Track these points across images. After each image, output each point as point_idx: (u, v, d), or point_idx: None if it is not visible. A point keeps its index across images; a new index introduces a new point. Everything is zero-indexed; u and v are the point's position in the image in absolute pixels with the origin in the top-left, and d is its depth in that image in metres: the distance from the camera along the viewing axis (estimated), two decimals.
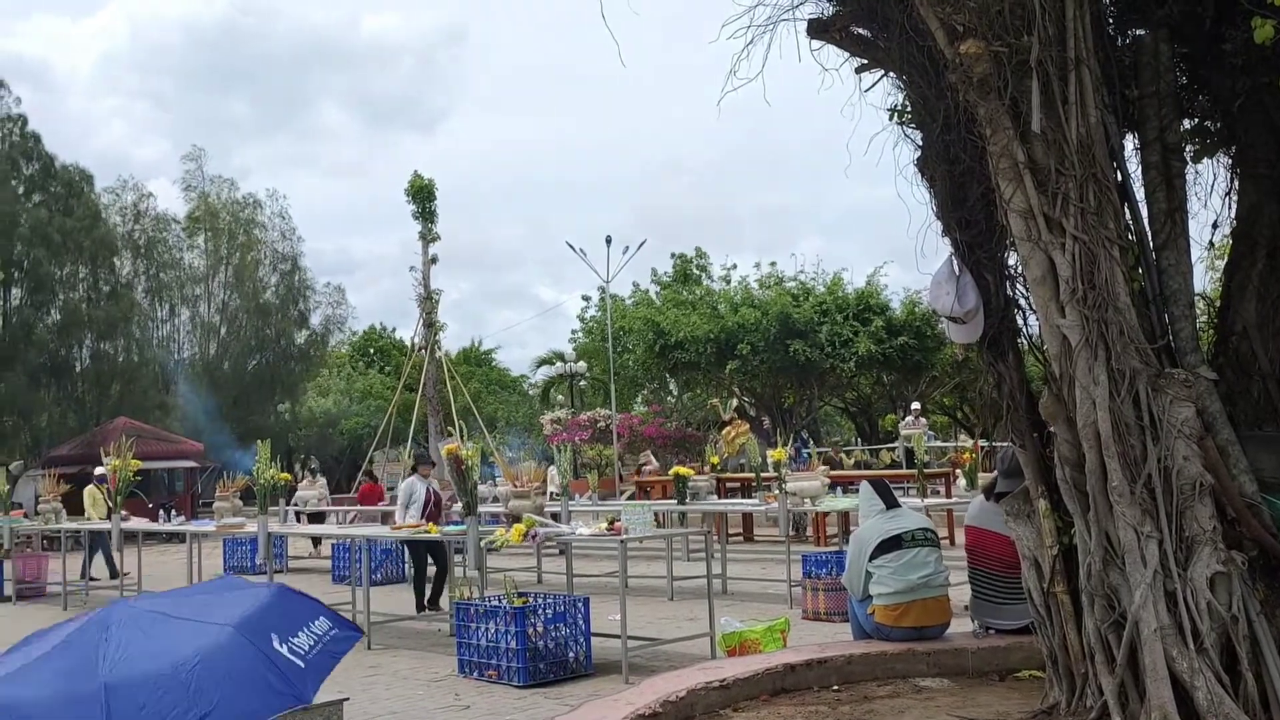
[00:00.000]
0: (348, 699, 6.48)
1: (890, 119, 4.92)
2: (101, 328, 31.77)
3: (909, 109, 4.88)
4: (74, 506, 18.30)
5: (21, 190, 30.46)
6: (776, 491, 12.45)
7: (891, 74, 4.83)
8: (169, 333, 36.95)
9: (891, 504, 6.42)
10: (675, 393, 34.78)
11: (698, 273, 36.51)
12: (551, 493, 20.79)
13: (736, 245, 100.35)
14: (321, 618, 4.08)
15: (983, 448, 16.81)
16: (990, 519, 5.95)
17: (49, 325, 30.97)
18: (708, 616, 8.86)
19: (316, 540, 19.27)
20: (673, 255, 37.74)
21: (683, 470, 14.17)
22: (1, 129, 30.75)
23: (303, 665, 3.77)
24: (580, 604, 8.51)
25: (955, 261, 4.76)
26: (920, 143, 4.82)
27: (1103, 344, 4.07)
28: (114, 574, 15.38)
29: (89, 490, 18.05)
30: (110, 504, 13.91)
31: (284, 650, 3.74)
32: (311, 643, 3.86)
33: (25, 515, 17.67)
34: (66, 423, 30.68)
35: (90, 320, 31.46)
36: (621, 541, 8.65)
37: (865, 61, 4.87)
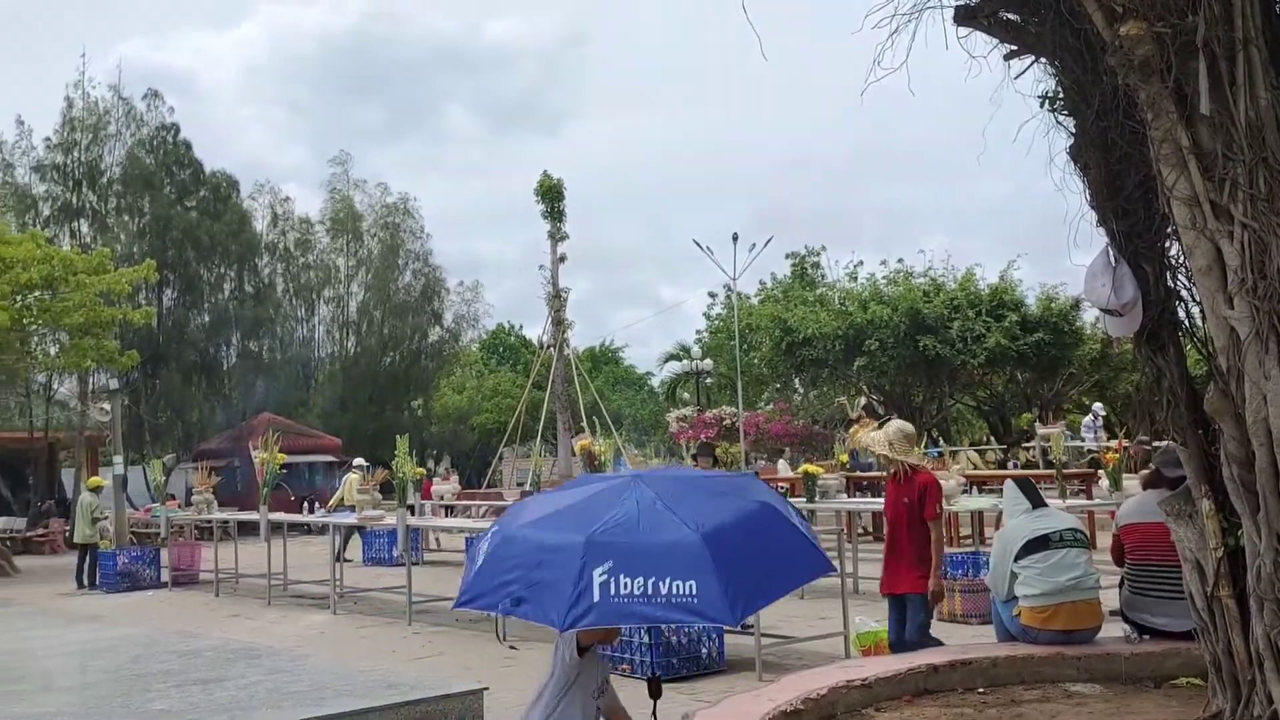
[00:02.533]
0: (487, 689, 6.62)
1: (1041, 106, 4.77)
2: (247, 327, 33.14)
3: (1061, 95, 4.72)
4: (224, 498, 19.15)
5: (173, 195, 31.97)
6: None
7: (1043, 60, 4.68)
8: (309, 332, 38.26)
9: (1038, 503, 6.23)
10: (802, 390, 34.44)
11: (813, 272, 36.14)
12: None
13: (857, 242, 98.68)
14: (788, 505, 4.48)
15: (1129, 446, 16.18)
16: (1157, 511, 5.67)
17: (199, 325, 32.44)
18: (840, 615, 8.77)
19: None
20: (787, 255, 37.46)
21: (812, 468, 14.05)
22: (156, 137, 32.32)
23: (812, 541, 4.15)
24: None
25: (1111, 252, 4.59)
26: (1073, 130, 4.65)
27: (1274, 336, 3.87)
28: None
29: (350, 478, 19.11)
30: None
31: (804, 529, 4.12)
32: (805, 526, 4.22)
33: (179, 506, 18.56)
34: (215, 418, 32.07)
35: (237, 320, 32.84)
36: None
37: (1014, 48, 4.73)
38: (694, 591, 3.65)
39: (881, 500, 14.64)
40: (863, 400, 28.42)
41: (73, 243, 28.49)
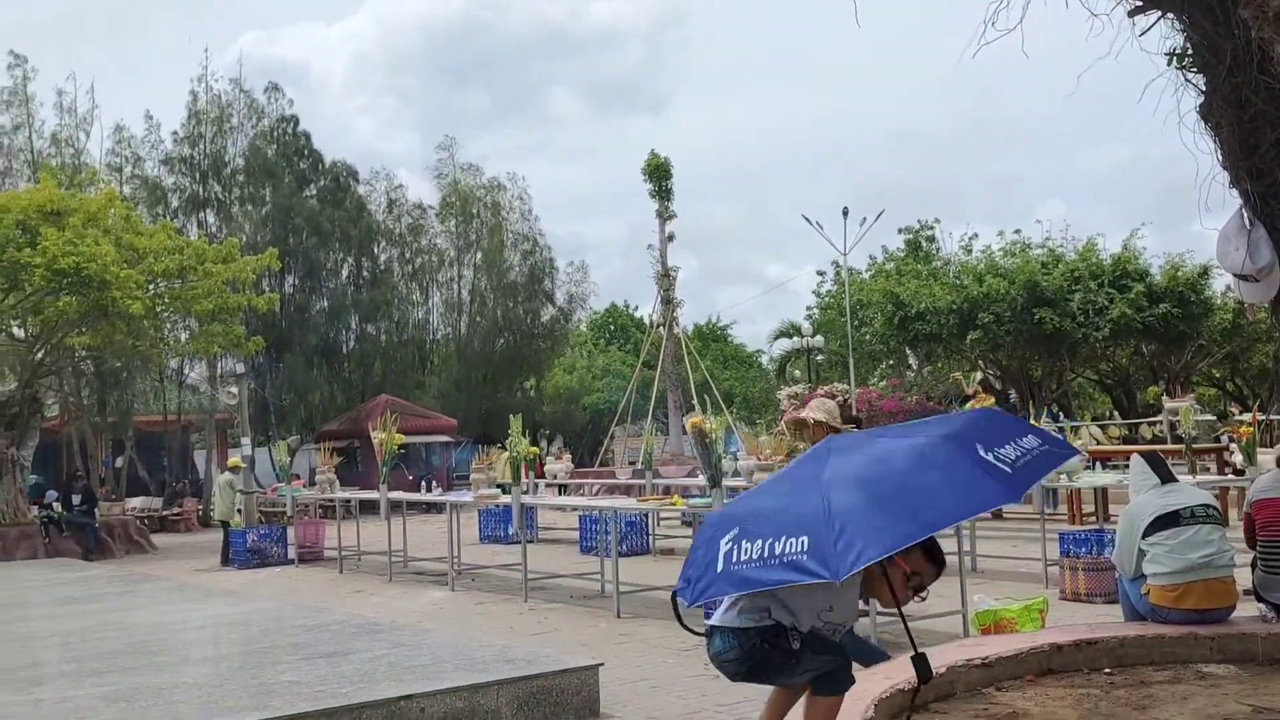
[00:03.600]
0: (602, 664, 6.69)
1: (1168, 64, 4.56)
2: (365, 311, 33.94)
3: (1190, 51, 4.50)
4: (346, 478, 19.70)
5: (294, 185, 32.89)
6: None
7: (1170, 15, 4.47)
8: (424, 315, 38.97)
9: (1167, 478, 6.00)
10: (915, 366, 33.85)
11: (928, 246, 35.40)
12: None
13: (967, 215, 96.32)
14: (1030, 435, 4.03)
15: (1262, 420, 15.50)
16: None
17: (320, 310, 33.36)
18: (957, 593, 8.61)
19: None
20: (900, 230, 36.74)
21: None
22: (277, 129, 33.26)
23: (1009, 470, 3.74)
24: None
25: (1246, 214, 4.37)
26: (1203, 88, 4.44)
27: None
28: None
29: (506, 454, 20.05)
30: None
31: (989, 457, 3.75)
32: (1018, 454, 3.84)
33: (304, 485, 19.15)
34: (335, 400, 32.99)
35: (355, 304, 33.66)
36: None
37: (1139, 3, 4.53)
38: (805, 547, 3.52)
39: None
40: (978, 375, 27.84)
41: (200, 232, 29.54)
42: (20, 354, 22.00)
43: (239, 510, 18.65)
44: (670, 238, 30.16)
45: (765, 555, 3.60)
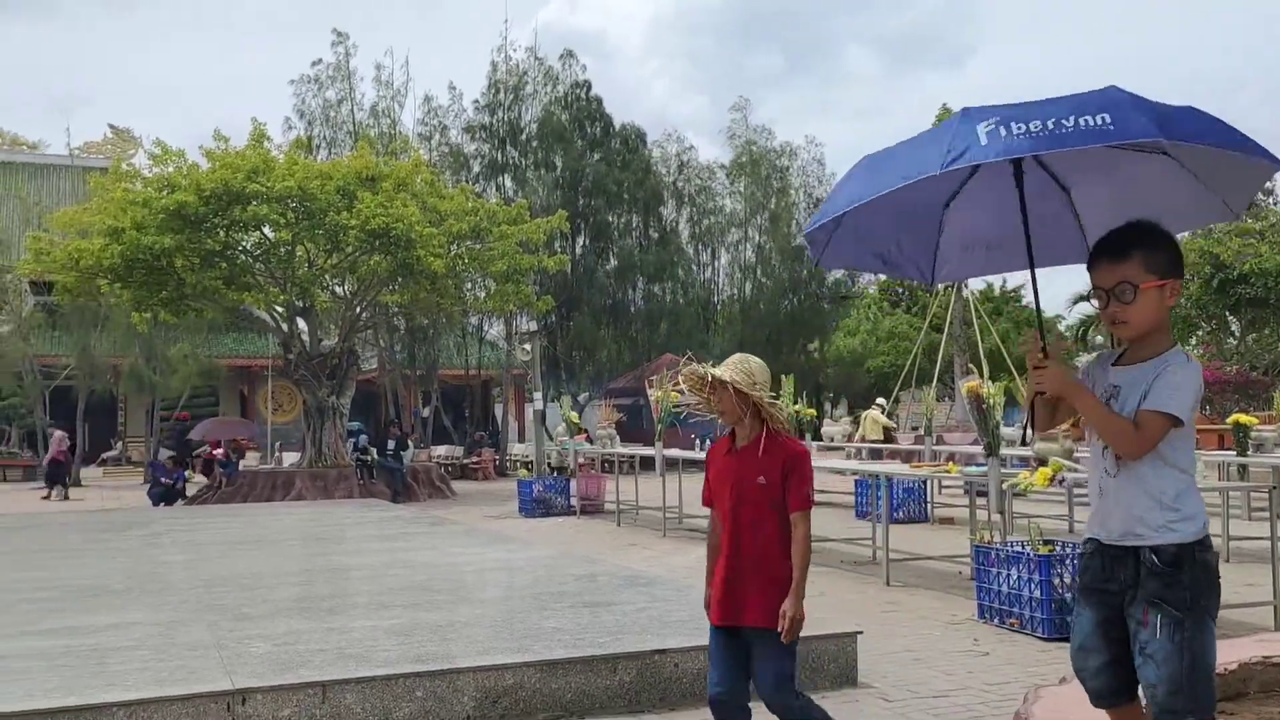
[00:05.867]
0: (861, 632, 6.51)
1: None
2: (651, 271, 34.68)
3: None
4: (631, 434, 20.28)
5: (584, 149, 34.00)
6: None
7: None
8: (709, 275, 39.37)
9: None
10: (1237, 333, 30.85)
11: (1264, 199, 32.02)
12: None
13: None
14: (1104, 114, 3.25)
15: None
16: None
17: (607, 270, 34.40)
18: (1270, 583, 7.79)
19: None
20: None
21: (1244, 418, 12.54)
22: (570, 94, 34.47)
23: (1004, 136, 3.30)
24: None
25: None
26: None
27: None
28: None
29: (870, 414, 21.44)
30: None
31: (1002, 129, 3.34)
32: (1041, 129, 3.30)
33: (589, 440, 19.88)
34: (622, 358, 34.01)
35: (642, 265, 34.47)
36: None
37: None
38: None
39: None
40: None
41: (498, 196, 31.14)
42: (340, 310, 24.08)
43: (549, 460, 19.88)
44: None
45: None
